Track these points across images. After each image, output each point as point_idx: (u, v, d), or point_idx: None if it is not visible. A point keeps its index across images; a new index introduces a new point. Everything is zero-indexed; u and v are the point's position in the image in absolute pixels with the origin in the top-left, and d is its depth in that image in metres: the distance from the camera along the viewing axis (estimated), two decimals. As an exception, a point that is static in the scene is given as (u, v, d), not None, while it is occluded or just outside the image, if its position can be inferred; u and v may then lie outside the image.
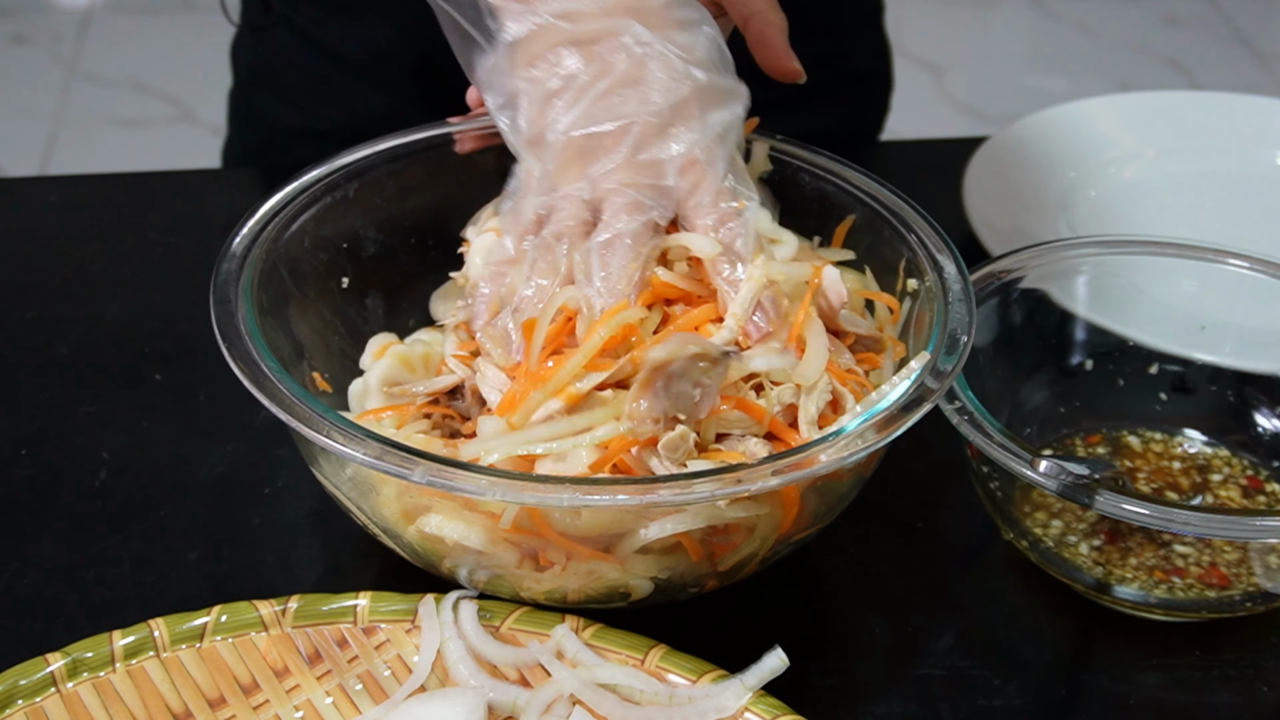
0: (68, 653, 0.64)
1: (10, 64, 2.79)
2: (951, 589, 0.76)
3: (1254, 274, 0.80)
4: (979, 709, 0.69)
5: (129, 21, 2.92)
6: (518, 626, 0.66)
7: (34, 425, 0.83)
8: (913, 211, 0.76)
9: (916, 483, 0.81)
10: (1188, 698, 0.70)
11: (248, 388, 0.63)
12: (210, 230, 1.00)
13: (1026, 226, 0.99)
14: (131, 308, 0.93)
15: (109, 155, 2.51)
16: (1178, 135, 1.10)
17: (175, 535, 0.76)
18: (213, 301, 0.67)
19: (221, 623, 0.66)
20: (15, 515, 0.77)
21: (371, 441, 0.61)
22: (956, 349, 0.67)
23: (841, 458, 0.61)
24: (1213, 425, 0.82)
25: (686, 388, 0.63)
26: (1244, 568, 0.72)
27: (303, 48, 1.07)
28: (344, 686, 0.65)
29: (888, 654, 0.71)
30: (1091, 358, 0.83)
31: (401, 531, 0.66)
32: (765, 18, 0.76)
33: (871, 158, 1.16)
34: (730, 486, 0.59)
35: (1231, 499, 0.78)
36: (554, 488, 0.59)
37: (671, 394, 0.63)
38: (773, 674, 0.64)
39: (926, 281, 0.72)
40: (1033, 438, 0.81)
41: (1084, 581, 0.73)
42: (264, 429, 0.82)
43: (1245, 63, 2.93)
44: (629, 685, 0.63)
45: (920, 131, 2.52)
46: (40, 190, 1.12)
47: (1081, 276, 0.82)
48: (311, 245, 0.75)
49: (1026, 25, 3.09)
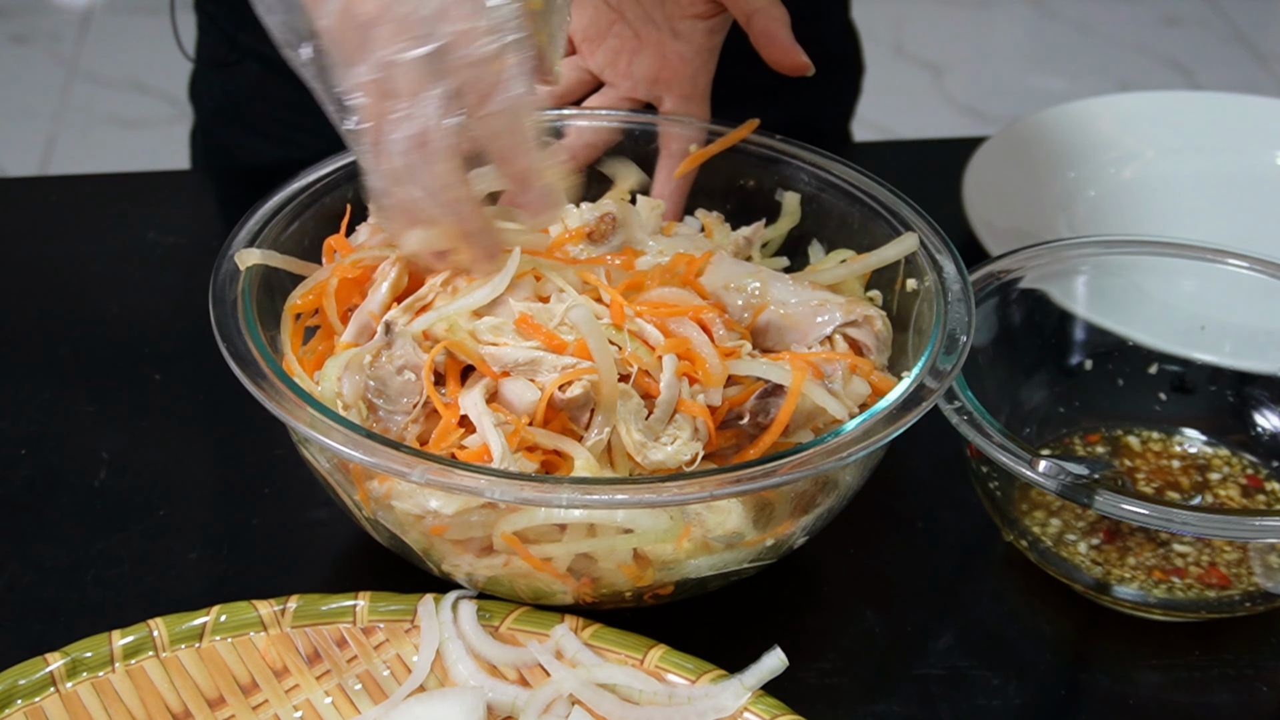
0: (67, 653, 0.64)
1: (10, 64, 2.79)
2: (951, 589, 0.76)
3: (1254, 274, 0.80)
4: (979, 709, 0.69)
5: (129, 21, 2.92)
6: (517, 626, 0.66)
7: (34, 425, 0.83)
8: (912, 211, 0.76)
9: (916, 483, 0.81)
10: (1188, 698, 0.70)
11: (248, 388, 0.63)
12: (210, 230, 1.00)
13: (1026, 226, 0.99)
14: (131, 308, 0.92)
15: (109, 155, 2.51)
16: (1178, 135, 1.10)
17: (175, 535, 0.76)
18: (212, 301, 0.67)
19: (221, 623, 0.66)
20: (15, 515, 0.77)
21: (371, 441, 0.61)
22: (956, 349, 0.67)
23: (840, 458, 0.61)
24: (1212, 425, 0.82)
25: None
26: (1244, 568, 0.72)
27: (276, 79, 1.05)
28: (343, 686, 0.65)
29: (887, 654, 0.71)
30: (1091, 358, 0.83)
31: (401, 530, 0.66)
32: (769, 13, 0.76)
33: (871, 157, 1.16)
34: (730, 486, 0.59)
35: (1231, 499, 0.78)
36: (553, 487, 0.59)
37: None
38: (772, 674, 0.64)
39: (926, 281, 0.72)
40: (1032, 438, 0.81)
41: (1083, 581, 0.73)
42: (264, 429, 0.81)
43: (1245, 63, 2.93)
44: (628, 685, 0.63)
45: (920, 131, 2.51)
46: (40, 190, 1.12)
47: (1081, 276, 0.82)
48: (311, 245, 0.75)
49: (1026, 25, 3.09)
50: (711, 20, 0.79)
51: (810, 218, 0.80)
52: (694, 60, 0.80)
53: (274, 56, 1.05)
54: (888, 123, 2.32)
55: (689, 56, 0.80)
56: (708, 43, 0.80)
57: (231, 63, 1.07)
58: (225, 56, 1.07)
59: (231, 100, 1.09)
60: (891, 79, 2.64)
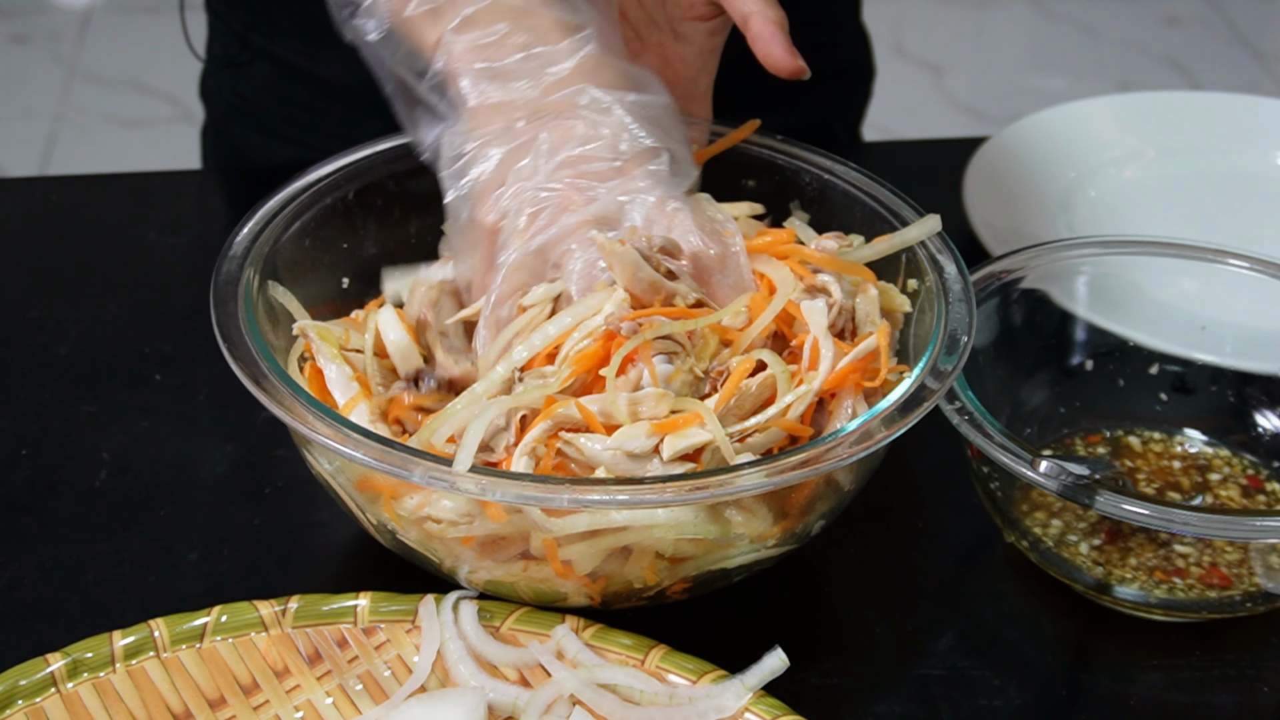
0: (68, 653, 0.64)
1: (10, 64, 2.79)
2: (951, 589, 0.76)
3: (1254, 274, 0.80)
4: (979, 709, 0.69)
5: (129, 21, 2.92)
6: (518, 627, 0.66)
7: (34, 425, 0.83)
8: (912, 211, 0.76)
9: (916, 483, 0.81)
10: (1188, 698, 0.70)
11: (248, 388, 0.63)
12: (210, 230, 1.00)
13: (1026, 226, 0.99)
14: (131, 308, 0.92)
15: (109, 155, 2.51)
16: (1178, 135, 1.10)
17: (175, 535, 0.76)
18: (213, 301, 0.67)
19: (221, 623, 0.66)
20: (15, 515, 0.77)
21: (371, 442, 0.61)
22: (956, 349, 0.67)
23: (840, 458, 0.61)
24: (1213, 425, 0.82)
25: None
26: (1244, 568, 0.72)
27: (290, 80, 1.06)
28: (344, 687, 0.65)
29: (888, 654, 0.71)
30: (1091, 358, 0.83)
31: (401, 528, 0.66)
32: (766, 15, 0.76)
33: (871, 158, 1.16)
34: (730, 487, 0.59)
35: (1231, 499, 0.78)
36: (553, 487, 0.59)
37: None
38: (773, 674, 0.64)
39: (926, 281, 0.72)
40: (1033, 438, 0.81)
41: (1084, 582, 0.73)
42: (264, 429, 0.82)
43: (1245, 63, 2.93)
44: (629, 685, 0.63)
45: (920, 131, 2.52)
46: (40, 190, 1.12)
47: (1081, 276, 0.82)
48: (311, 245, 0.75)
49: (1026, 25, 3.09)
50: (712, 22, 0.79)
51: (812, 217, 0.80)
52: (695, 62, 0.80)
53: (286, 57, 1.06)
54: (888, 123, 2.33)
55: (690, 58, 0.80)
56: (709, 44, 0.80)
57: (243, 63, 1.07)
58: (237, 56, 1.07)
59: (243, 100, 1.10)
60: (891, 79, 2.63)
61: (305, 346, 0.71)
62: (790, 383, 0.65)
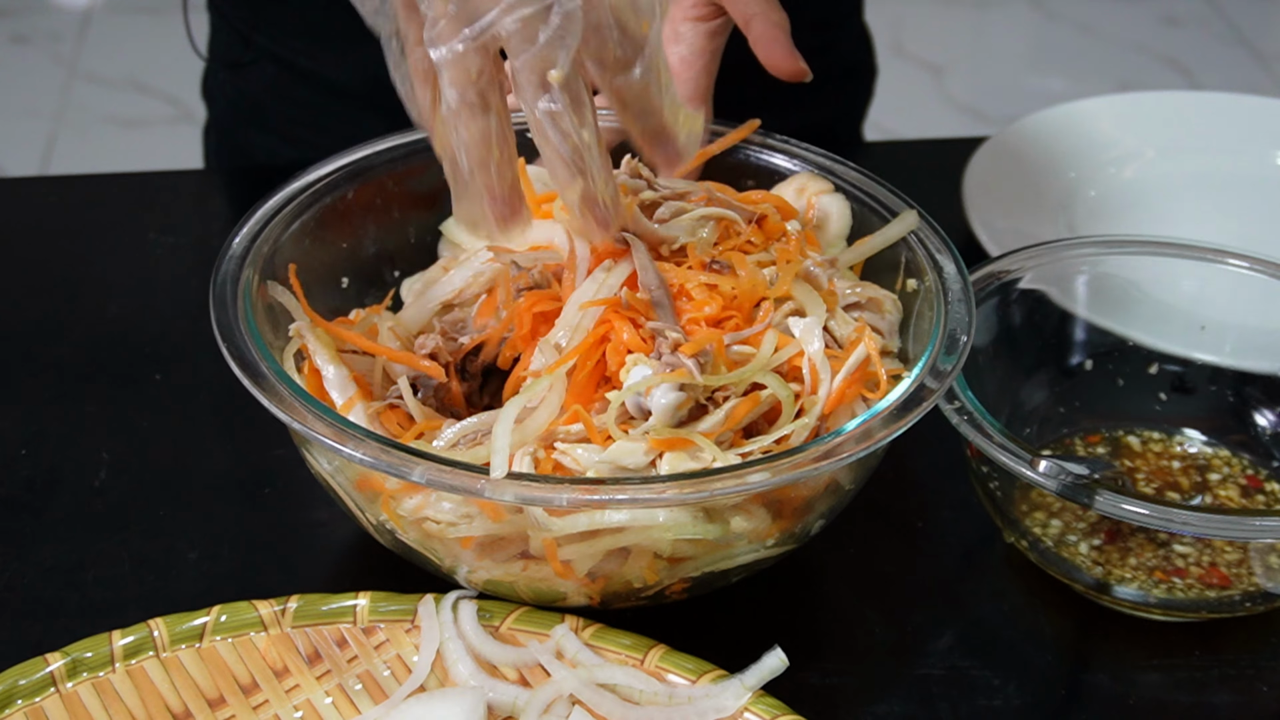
0: (67, 653, 0.64)
1: (10, 64, 2.79)
2: (951, 589, 0.76)
3: (1254, 274, 0.80)
4: (979, 709, 0.69)
5: (129, 21, 2.92)
6: (517, 626, 0.66)
7: (34, 425, 0.83)
8: (911, 211, 0.76)
9: (916, 483, 0.81)
10: (1188, 698, 0.70)
11: (248, 388, 0.63)
12: (210, 230, 1.00)
13: (1026, 226, 0.99)
14: (131, 308, 0.92)
15: (109, 155, 2.51)
16: (1178, 135, 1.10)
17: (175, 535, 0.76)
18: (213, 301, 0.67)
19: (221, 623, 0.66)
20: (15, 515, 0.77)
21: (371, 442, 0.61)
22: (956, 349, 0.67)
23: (840, 458, 0.61)
24: (1212, 425, 0.82)
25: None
26: (1244, 568, 0.72)
27: (294, 80, 1.05)
28: (344, 686, 0.65)
29: (888, 654, 0.71)
30: (1091, 358, 0.83)
31: (400, 528, 0.66)
32: (768, 17, 0.76)
33: (872, 158, 1.16)
34: (730, 487, 0.59)
35: (1231, 499, 0.78)
36: (554, 487, 0.59)
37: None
38: (772, 674, 0.64)
39: (926, 281, 0.72)
40: (1032, 438, 0.81)
41: (1084, 581, 0.73)
42: (264, 429, 0.81)
43: (1245, 63, 2.93)
44: (629, 685, 0.63)
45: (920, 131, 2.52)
46: (40, 190, 1.12)
47: (1081, 276, 0.82)
48: (311, 245, 0.75)
49: (1026, 25, 3.10)
50: (712, 23, 0.79)
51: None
52: (695, 62, 0.80)
53: (289, 57, 1.06)
54: (888, 123, 2.33)
55: (690, 59, 0.80)
56: (709, 45, 0.80)
57: (246, 63, 1.07)
58: (240, 56, 1.07)
59: (246, 99, 1.10)
60: (891, 79, 2.63)
61: (301, 345, 0.71)
62: (794, 406, 0.65)
